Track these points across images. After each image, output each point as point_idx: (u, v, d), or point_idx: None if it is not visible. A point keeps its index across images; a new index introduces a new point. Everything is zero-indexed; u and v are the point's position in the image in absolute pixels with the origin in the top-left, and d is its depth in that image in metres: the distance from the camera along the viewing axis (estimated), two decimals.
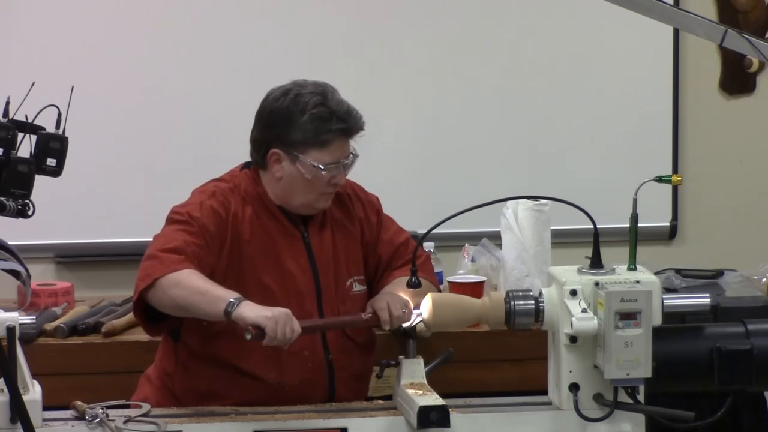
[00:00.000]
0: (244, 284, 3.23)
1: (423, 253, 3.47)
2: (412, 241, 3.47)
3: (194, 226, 3.22)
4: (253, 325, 3.00)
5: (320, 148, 3.26)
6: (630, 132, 4.89)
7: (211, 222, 3.24)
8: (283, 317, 3.02)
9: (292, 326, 3.03)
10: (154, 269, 3.12)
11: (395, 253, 3.44)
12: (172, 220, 3.26)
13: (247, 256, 3.27)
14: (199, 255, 3.18)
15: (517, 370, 4.00)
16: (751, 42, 2.97)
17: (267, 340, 3.01)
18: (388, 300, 3.24)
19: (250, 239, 3.28)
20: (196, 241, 3.19)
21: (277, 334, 3.00)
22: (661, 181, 3.03)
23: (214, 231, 3.24)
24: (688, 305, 2.96)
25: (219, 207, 3.27)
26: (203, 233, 3.21)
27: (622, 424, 2.91)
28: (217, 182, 3.37)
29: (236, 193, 3.32)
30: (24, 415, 2.70)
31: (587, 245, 2.96)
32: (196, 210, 3.25)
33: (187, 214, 3.24)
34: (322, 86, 3.30)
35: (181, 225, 3.22)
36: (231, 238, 3.26)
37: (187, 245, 3.17)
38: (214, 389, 3.27)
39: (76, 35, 4.61)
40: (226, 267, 3.26)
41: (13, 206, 2.71)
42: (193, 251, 3.17)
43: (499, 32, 4.82)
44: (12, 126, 2.72)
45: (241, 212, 3.29)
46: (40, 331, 3.96)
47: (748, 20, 4.94)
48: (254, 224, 3.30)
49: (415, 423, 2.87)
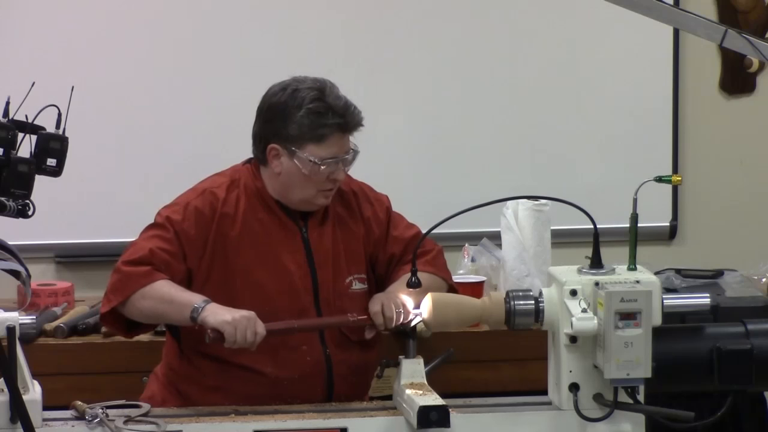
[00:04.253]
0: (233, 282, 3.28)
1: (434, 248, 3.47)
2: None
3: (170, 231, 3.27)
4: (213, 329, 3.08)
5: (317, 143, 3.27)
6: (630, 132, 4.89)
7: (192, 225, 3.28)
8: (244, 321, 3.08)
9: (255, 329, 3.09)
10: (123, 286, 3.21)
11: (406, 248, 3.44)
12: (151, 224, 3.33)
13: (236, 253, 3.29)
14: (168, 262, 3.24)
15: (517, 370, 4.00)
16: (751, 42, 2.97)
17: (227, 344, 3.09)
18: (383, 301, 3.24)
19: (242, 235, 3.30)
20: (166, 248, 3.25)
21: (237, 338, 3.07)
22: (661, 181, 3.03)
23: (195, 234, 3.28)
24: (688, 305, 2.96)
25: (205, 206, 3.30)
26: (178, 238, 3.26)
27: (622, 424, 2.91)
28: (215, 177, 3.40)
29: (234, 187, 3.34)
30: (24, 415, 2.70)
31: (587, 245, 2.96)
32: (179, 213, 3.29)
33: (167, 219, 3.29)
34: (320, 82, 3.32)
35: (156, 230, 3.29)
36: (216, 237, 3.29)
37: (154, 254, 3.23)
38: (216, 384, 3.29)
39: (76, 35, 4.61)
40: (210, 266, 3.29)
41: (13, 206, 2.71)
42: (161, 259, 3.23)
43: (500, 32, 4.82)
44: (12, 126, 2.72)
45: (234, 207, 3.31)
46: (40, 331, 3.96)
47: (748, 20, 4.94)
48: (249, 219, 3.32)
49: (415, 423, 2.87)
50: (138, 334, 3.39)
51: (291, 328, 3.23)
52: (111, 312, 3.26)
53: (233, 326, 3.07)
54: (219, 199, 3.32)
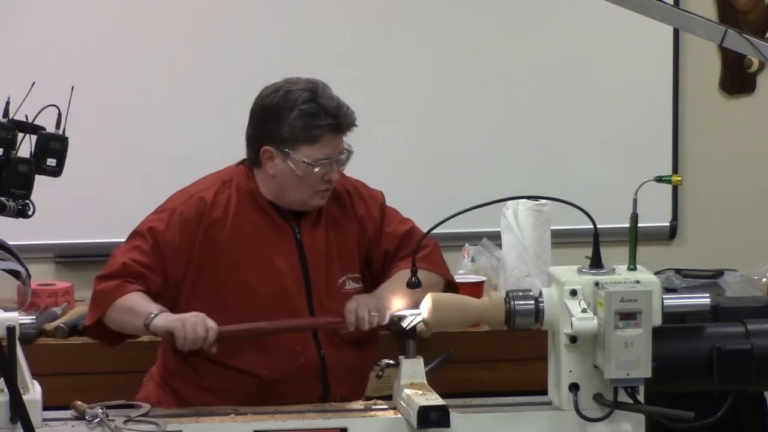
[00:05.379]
0: (223, 284, 3.29)
1: (429, 243, 3.44)
2: (417, 230, 3.46)
3: (148, 242, 3.29)
4: (165, 332, 3.12)
5: (310, 144, 3.27)
6: (630, 132, 4.89)
7: (176, 233, 3.29)
8: (192, 318, 3.12)
9: (205, 325, 3.11)
10: (100, 300, 3.26)
11: (400, 244, 3.43)
12: (134, 232, 3.35)
13: (227, 255, 3.29)
14: (141, 274, 3.26)
15: (517, 370, 4.00)
16: (751, 42, 2.97)
17: (179, 344, 3.12)
18: (359, 301, 3.25)
19: (233, 236, 3.30)
20: (141, 260, 3.27)
21: (186, 333, 3.09)
22: (661, 181, 3.03)
23: (179, 242, 3.29)
24: (688, 305, 2.96)
25: (191, 212, 3.31)
26: (158, 249, 3.28)
27: (622, 424, 2.91)
28: (206, 178, 3.41)
29: (225, 188, 3.35)
30: (24, 415, 2.70)
31: (587, 245, 2.96)
32: (163, 221, 3.31)
33: (149, 229, 3.31)
34: (313, 83, 3.32)
35: (136, 240, 3.31)
36: (203, 242, 3.30)
37: (126, 267, 3.26)
38: (212, 384, 3.30)
39: (76, 35, 4.61)
40: (198, 272, 3.29)
41: (13, 206, 2.71)
42: (133, 272, 3.26)
43: (500, 32, 4.82)
44: (12, 126, 2.72)
45: (224, 209, 3.32)
46: (40, 331, 3.97)
47: (748, 20, 4.94)
48: (241, 220, 3.32)
49: (415, 423, 2.87)
50: (120, 343, 3.41)
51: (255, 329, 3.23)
52: (94, 325, 3.30)
53: (181, 322, 3.11)
54: (207, 203, 3.32)
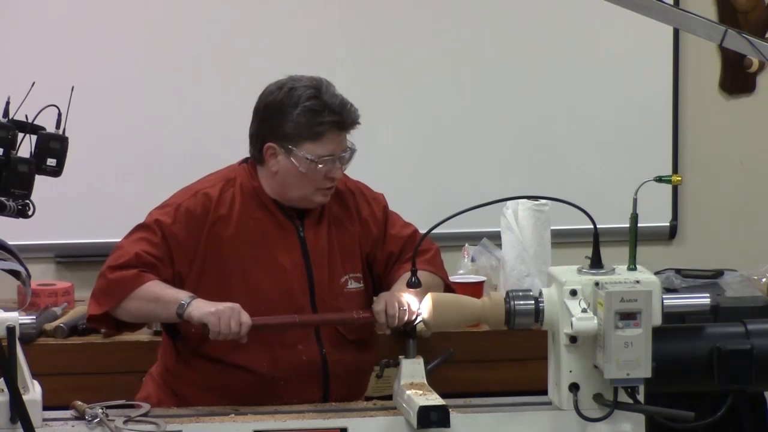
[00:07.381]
0: (228, 282, 3.29)
1: (431, 247, 3.47)
2: (419, 234, 3.47)
3: (157, 235, 3.28)
4: (199, 323, 3.12)
5: (314, 141, 3.27)
6: (630, 132, 4.89)
7: (183, 228, 3.29)
8: (227, 311, 3.12)
9: (239, 319, 3.11)
10: (113, 290, 3.24)
11: (404, 246, 3.44)
12: (139, 225, 3.33)
13: (231, 253, 3.30)
14: (154, 265, 3.26)
15: (517, 370, 4.00)
16: (751, 42, 2.97)
17: (212, 335, 3.12)
18: (387, 299, 3.24)
19: (237, 234, 3.30)
20: (152, 252, 3.26)
21: (221, 328, 3.10)
22: (661, 181, 3.03)
23: (185, 237, 3.29)
24: (688, 305, 2.96)
25: (197, 208, 3.31)
26: (166, 242, 3.28)
27: (622, 424, 2.91)
28: (209, 177, 3.41)
29: (229, 186, 3.35)
30: (24, 415, 2.70)
31: (587, 245, 2.96)
32: (169, 215, 3.30)
33: (156, 222, 3.30)
34: (317, 80, 3.32)
35: (144, 232, 3.30)
36: (208, 239, 3.30)
37: (140, 258, 3.25)
38: (212, 383, 3.30)
39: (76, 35, 4.61)
40: (202, 268, 3.29)
41: (13, 206, 2.71)
42: (146, 262, 3.25)
43: (499, 32, 4.82)
44: (12, 126, 2.72)
45: (228, 207, 3.32)
46: (40, 331, 3.97)
47: (748, 20, 4.94)
48: (245, 218, 3.32)
49: (415, 423, 2.87)
50: (125, 331, 3.42)
51: (287, 323, 3.25)
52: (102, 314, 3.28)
53: (217, 316, 3.11)
54: (212, 200, 3.32)
